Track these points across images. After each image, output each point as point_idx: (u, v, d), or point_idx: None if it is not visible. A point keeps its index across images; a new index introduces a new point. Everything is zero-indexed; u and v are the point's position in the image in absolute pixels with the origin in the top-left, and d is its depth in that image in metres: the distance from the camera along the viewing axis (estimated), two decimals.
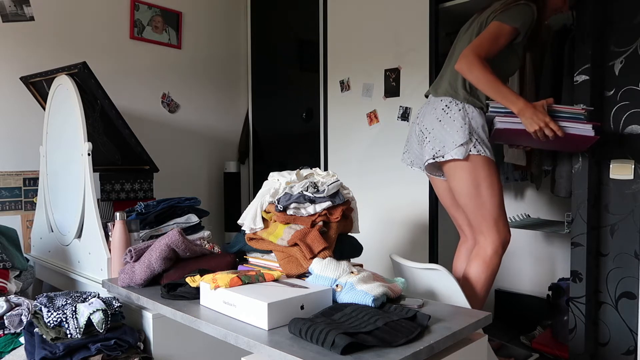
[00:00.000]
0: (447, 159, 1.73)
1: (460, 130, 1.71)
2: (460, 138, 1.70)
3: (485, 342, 1.20)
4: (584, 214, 1.87)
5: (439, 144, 1.74)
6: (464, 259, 1.98)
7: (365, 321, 1.07)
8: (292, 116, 3.22)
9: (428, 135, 1.78)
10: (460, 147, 1.70)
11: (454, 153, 1.71)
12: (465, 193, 1.75)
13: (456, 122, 1.72)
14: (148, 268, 1.47)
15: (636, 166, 1.82)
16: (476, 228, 1.79)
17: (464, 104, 1.75)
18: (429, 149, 1.77)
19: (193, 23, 3.22)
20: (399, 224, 2.64)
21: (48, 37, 2.60)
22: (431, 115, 1.79)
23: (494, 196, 1.74)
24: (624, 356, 1.86)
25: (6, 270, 1.72)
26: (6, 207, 2.49)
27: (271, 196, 1.53)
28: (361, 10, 2.77)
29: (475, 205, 1.75)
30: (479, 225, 1.77)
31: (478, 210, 1.75)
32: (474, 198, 1.74)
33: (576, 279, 1.90)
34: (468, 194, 1.75)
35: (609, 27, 1.87)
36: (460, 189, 1.76)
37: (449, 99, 1.77)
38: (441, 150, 1.74)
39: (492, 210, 1.74)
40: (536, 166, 2.36)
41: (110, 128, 2.23)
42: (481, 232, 1.77)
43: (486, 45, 1.68)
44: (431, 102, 1.84)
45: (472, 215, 1.77)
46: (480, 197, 1.73)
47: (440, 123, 1.75)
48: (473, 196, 1.74)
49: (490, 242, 1.76)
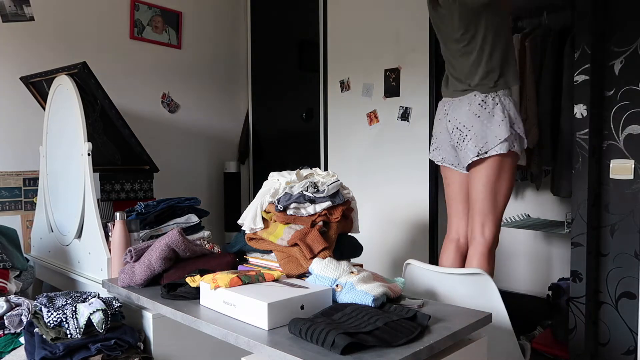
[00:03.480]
0: (491, 154, 1.75)
1: (502, 124, 1.74)
2: (503, 132, 1.73)
3: (485, 342, 1.20)
4: (584, 214, 1.87)
5: (481, 140, 1.76)
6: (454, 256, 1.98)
7: (365, 321, 1.07)
8: (292, 116, 3.22)
9: (468, 133, 1.78)
10: (504, 142, 1.73)
11: (498, 148, 1.74)
12: (485, 183, 1.79)
13: (496, 117, 1.75)
14: (148, 268, 1.47)
15: (636, 166, 1.82)
16: (479, 220, 1.82)
17: (499, 96, 1.76)
18: (472, 146, 1.77)
19: (193, 23, 3.22)
20: (399, 224, 2.64)
21: (48, 37, 2.60)
22: (467, 111, 1.79)
23: (507, 193, 1.82)
24: (624, 356, 1.86)
25: (6, 270, 1.72)
26: (6, 207, 2.49)
27: (271, 196, 1.53)
28: (361, 10, 2.77)
29: (491, 198, 1.80)
30: (484, 217, 1.81)
31: (490, 203, 1.80)
32: (491, 191, 1.80)
33: (576, 279, 1.90)
34: (488, 185, 1.79)
35: (609, 27, 1.87)
36: (484, 182, 1.79)
37: (484, 94, 1.77)
38: (484, 147, 1.76)
39: (501, 206, 1.82)
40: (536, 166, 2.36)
41: (110, 128, 2.23)
42: (484, 224, 1.81)
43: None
44: (463, 97, 1.83)
45: (483, 207, 1.81)
46: (497, 191, 1.80)
47: (479, 119, 1.76)
48: (491, 190, 1.80)
49: (491, 233, 1.82)
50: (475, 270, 1.56)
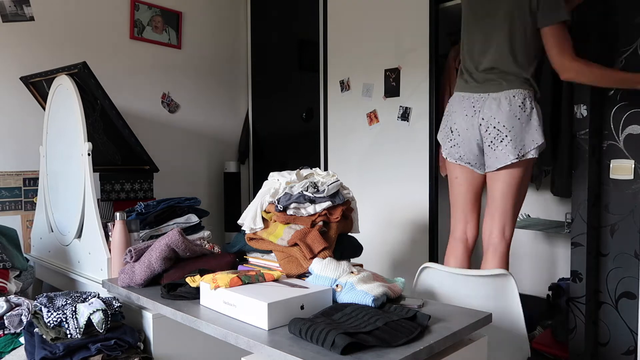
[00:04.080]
0: (528, 157, 1.78)
1: (539, 129, 1.76)
2: (540, 138, 1.76)
3: (485, 342, 1.20)
4: (584, 214, 1.87)
5: (520, 143, 1.77)
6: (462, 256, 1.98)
7: (365, 321, 1.07)
8: (292, 116, 3.22)
9: (508, 134, 1.76)
10: (538, 147, 1.77)
11: (533, 152, 1.77)
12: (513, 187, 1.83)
13: (532, 121, 1.77)
14: (148, 268, 1.47)
15: (636, 166, 1.82)
16: (500, 220, 1.86)
17: (533, 100, 1.79)
18: (512, 147, 1.76)
19: (193, 23, 3.22)
20: (399, 224, 2.64)
21: (48, 37, 2.60)
22: (507, 111, 1.76)
23: (524, 194, 1.89)
24: (624, 356, 1.86)
25: (6, 270, 1.72)
26: (6, 207, 2.49)
27: (271, 196, 1.53)
28: (361, 10, 2.77)
29: (514, 201, 1.85)
30: (505, 219, 1.86)
31: (513, 206, 1.85)
32: (516, 193, 1.84)
33: (576, 279, 1.90)
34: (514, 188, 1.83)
35: (610, 27, 1.87)
36: (512, 184, 1.82)
37: (522, 95, 1.77)
38: (522, 150, 1.77)
39: (519, 208, 1.89)
40: (536, 166, 2.36)
41: (110, 128, 2.23)
42: (505, 225, 1.86)
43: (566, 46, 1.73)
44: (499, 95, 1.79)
45: (506, 209, 1.85)
46: (519, 193, 1.85)
47: (519, 121, 1.76)
48: (515, 191, 1.84)
49: (511, 234, 1.88)
50: (499, 272, 1.55)
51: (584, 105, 1.86)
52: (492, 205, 1.87)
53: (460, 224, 1.99)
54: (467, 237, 1.99)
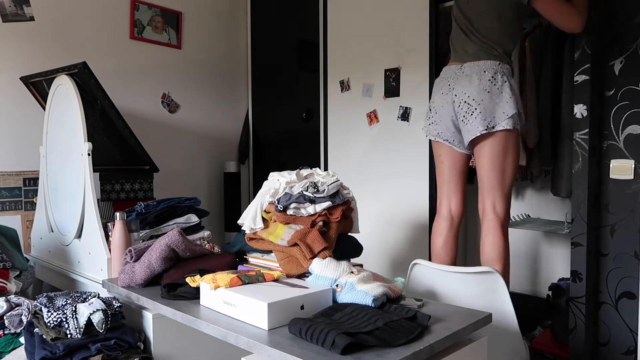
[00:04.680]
0: (498, 129, 1.80)
1: (510, 100, 1.79)
2: (511, 109, 1.78)
3: (485, 342, 1.20)
4: (584, 214, 1.87)
5: (489, 115, 1.79)
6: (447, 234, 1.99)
7: (365, 321, 1.07)
8: (292, 116, 3.22)
9: (477, 107, 1.80)
10: (510, 118, 1.78)
11: (504, 124, 1.79)
12: (493, 161, 1.84)
13: (504, 94, 1.79)
14: (148, 268, 1.47)
15: (636, 166, 1.82)
16: (489, 197, 1.87)
17: (505, 75, 1.81)
18: (481, 119, 1.80)
19: (193, 23, 3.22)
20: (399, 223, 2.64)
21: (48, 37, 2.60)
22: (476, 86, 1.81)
23: (514, 170, 1.88)
24: (624, 356, 1.86)
25: (6, 270, 1.72)
26: (6, 207, 2.49)
27: (271, 196, 1.53)
28: (361, 10, 2.77)
29: (498, 175, 1.85)
30: (493, 194, 1.86)
31: (498, 180, 1.85)
32: (499, 167, 1.84)
33: (576, 279, 1.90)
34: (496, 163, 1.84)
35: (609, 27, 1.87)
36: (491, 157, 1.84)
37: (493, 70, 1.81)
38: (492, 122, 1.80)
39: (508, 182, 1.87)
40: (536, 166, 2.36)
41: (110, 128, 2.23)
42: (494, 200, 1.86)
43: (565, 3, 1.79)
44: (471, 70, 1.84)
45: (491, 184, 1.85)
46: (505, 168, 1.85)
47: (488, 94, 1.79)
48: (498, 166, 1.84)
49: (502, 209, 1.87)
50: (486, 269, 1.56)
51: (584, 105, 1.86)
52: (480, 182, 1.91)
53: (445, 201, 2.02)
54: (452, 214, 2.01)
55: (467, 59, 1.88)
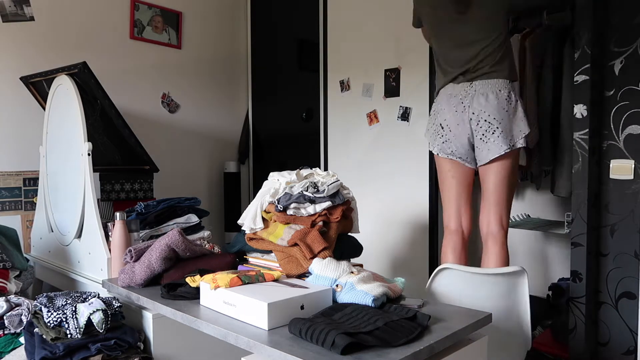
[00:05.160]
0: (517, 147, 1.86)
1: (524, 119, 1.85)
2: (526, 128, 1.85)
3: (485, 342, 1.20)
4: (584, 214, 1.87)
5: (509, 134, 1.84)
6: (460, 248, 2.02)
7: (365, 321, 1.07)
8: (292, 116, 3.22)
9: (499, 126, 1.84)
10: (525, 137, 1.85)
11: (522, 142, 1.85)
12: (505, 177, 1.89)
13: (518, 113, 1.85)
14: (148, 268, 1.47)
15: (636, 166, 1.82)
16: (497, 211, 1.91)
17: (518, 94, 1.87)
18: (503, 138, 1.84)
19: (193, 23, 3.22)
20: (399, 223, 2.64)
21: (48, 37, 2.60)
22: (496, 104, 1.84)
23: (516, 183, 1.96)
24: (624, 356, 1.86)
25: (6, 270, 1.72)
26: (6, 207, 2.49)
27: (271, 196, 1.53)
28: (361, 10, 2.77)
29: (508, 191, 1.91)
30: (501, 209, 1.91)
31: (507, 195, 1.91)
32: (509, 184, 1.91)
33: (576, 279, 1.90)
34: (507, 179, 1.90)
35: (609, 27, 1.87)
36: (505, 174, 1.89)
37: (508, 88, 1.85)
38: (511, 140, 1.85)
39: (512, 196, 1.95)
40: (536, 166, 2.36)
41: (110, 128, 2.23)
42: (502, 215, 1.92)
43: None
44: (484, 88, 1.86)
45: (501, 199, 1.90)
46: (511, 183, 1.92)
47: (507, 113, 1.84)
48: (507, 181, 1.90)
49: (507, 224, 1.94)
50: (514, 269, 1.54)
51: (584, 105, 1.86)
52: (487, 197, 1.93)
53: (455, 216, 2.03)
54: (462, 229, 2.03)
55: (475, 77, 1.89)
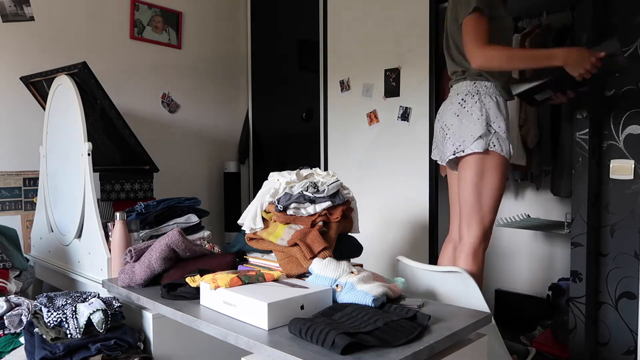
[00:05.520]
0: (467, 153, 1.72)
1: (477, 122, 1.70)
2: (477, 130, 1.69)
3: (485, 342, 1.20)
4: (584, 214, 1.87)
5: (458, 139, 1.74)
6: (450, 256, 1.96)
7: (365, 321, 1.07)
8: (292, 116, 3.22)
9: (448, 132, 1.78)
10: (479, 139, 1.69)
11: (473, 147, 1.70)
12: (468, 183, 1.74)
13: (473, 115, 1.72)
14: (148, 268, 1.47)
15: (636, 166, 1.82)
16: (465, 221, 1.77)
17: (479, 94, 1.74)
18: (450, 145, 1.76)
19: (193, 23, 3.22)
20: (399, 224, 2.64)
21: (48, 37, 2.60)
22: (449, 110, 1.79)
23: (493, 195, 1.74)
24: (624, 356, 1.87)
25: (6, 270, 1.72)
26: (6, 207, 2.49)
27: (271, 196, 1.53)
28: (361, 10, 2.77)
29: (473, 200, 1.74)
30: (469, 219, 1.76)
31: (474, 205, 1.75)
32: (474, 192, 1.74)
33: (576, 279, 1.90)
34: (470, 185, 1.74)
35: (609, 27, 1.87)
36: (467, 182, 1.75)
37: (465, 91, 1.77)
38: (461, 145, 1.73)
39: (487, 208, 1.74)
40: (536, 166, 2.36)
41: (110, 128, 2.24)
42: (469, 225, 1.76)
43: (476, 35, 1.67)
44: (451, 93, 1.84)
45: (466, 208, 1.76)
46: (481, 193, 1.73)
47: (458, 118, 1.75)
48: (473, 190, 1.74)
49: (475, 236, 1.75)
50: (454, 269, 1.57)
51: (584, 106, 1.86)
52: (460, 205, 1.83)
53: (453, 224, 1.99)
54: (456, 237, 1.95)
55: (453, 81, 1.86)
